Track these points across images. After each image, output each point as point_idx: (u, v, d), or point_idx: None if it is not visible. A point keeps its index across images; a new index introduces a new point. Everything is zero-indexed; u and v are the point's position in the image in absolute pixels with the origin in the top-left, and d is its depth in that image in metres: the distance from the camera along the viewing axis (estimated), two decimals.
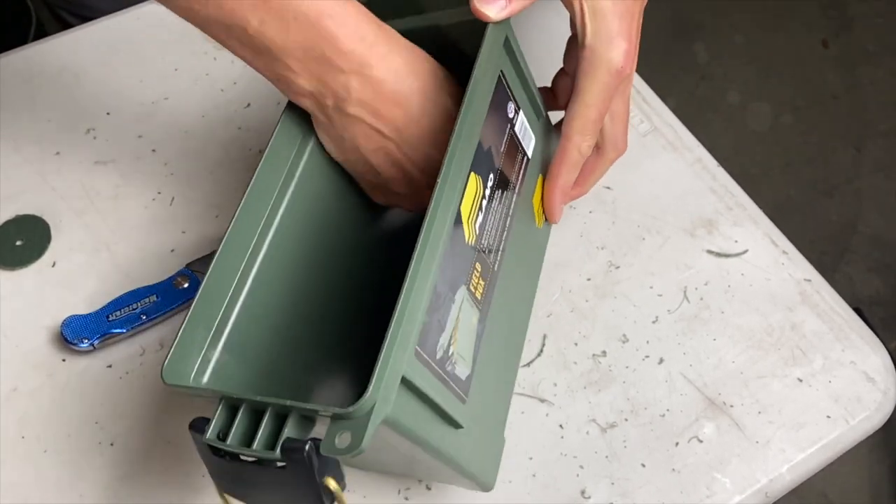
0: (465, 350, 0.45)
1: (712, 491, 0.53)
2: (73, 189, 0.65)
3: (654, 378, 0.57)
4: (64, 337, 0.57)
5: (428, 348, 0.41)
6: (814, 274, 0.61)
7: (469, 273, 0.46)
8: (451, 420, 0.43)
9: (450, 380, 0.43)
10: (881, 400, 0.56)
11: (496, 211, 0.49)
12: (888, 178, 1.70)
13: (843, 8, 1.93)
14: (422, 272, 0.40)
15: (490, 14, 0.47)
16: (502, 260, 0.50)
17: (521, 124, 0.53)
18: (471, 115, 0.45)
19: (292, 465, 0.38)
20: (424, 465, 0.47)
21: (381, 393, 0.37)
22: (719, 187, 0.64)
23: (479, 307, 0.47)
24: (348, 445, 0.36)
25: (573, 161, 0.53)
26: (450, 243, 0.43)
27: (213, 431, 0.40)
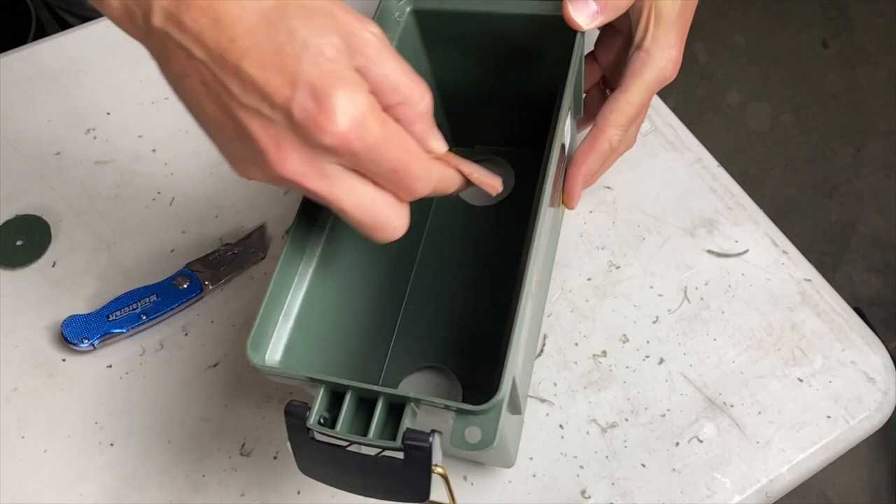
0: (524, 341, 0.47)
1: (712, 491, 0.53)
2: (73, 189, 0.65)
3: (654, 378, 0.57)
4: (64, 337, 0.57)
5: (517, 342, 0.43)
6: (814, 274, 0.61)
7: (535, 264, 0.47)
8: (519, 407, 0.45)
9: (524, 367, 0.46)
10: (881, 400, 0.56)
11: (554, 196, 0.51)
12: (888, 178, 1.70)
13: (843, 8, 1.93)
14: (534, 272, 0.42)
15: (581, 23, 0.48)
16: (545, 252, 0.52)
17: (567, 125, 0.54)
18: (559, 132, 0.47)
19: (409, 456, 0.39)
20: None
21: (507, 392, 0.39)
22: (719, 187, 0.64)
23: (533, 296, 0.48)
24: (480, 440, 0.37)
25: (602, 151, 0.53)
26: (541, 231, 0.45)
27: (315, 417, 0.40)
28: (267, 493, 0.53)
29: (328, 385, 0.41)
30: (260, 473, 0.54)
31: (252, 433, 0.55)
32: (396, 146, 0.39)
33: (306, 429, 0.40)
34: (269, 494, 0.53)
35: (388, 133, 0.38)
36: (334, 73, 0.37)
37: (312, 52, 0.36)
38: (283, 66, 0.36)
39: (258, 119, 0.37)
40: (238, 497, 0.53)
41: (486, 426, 0.38)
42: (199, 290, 0.59)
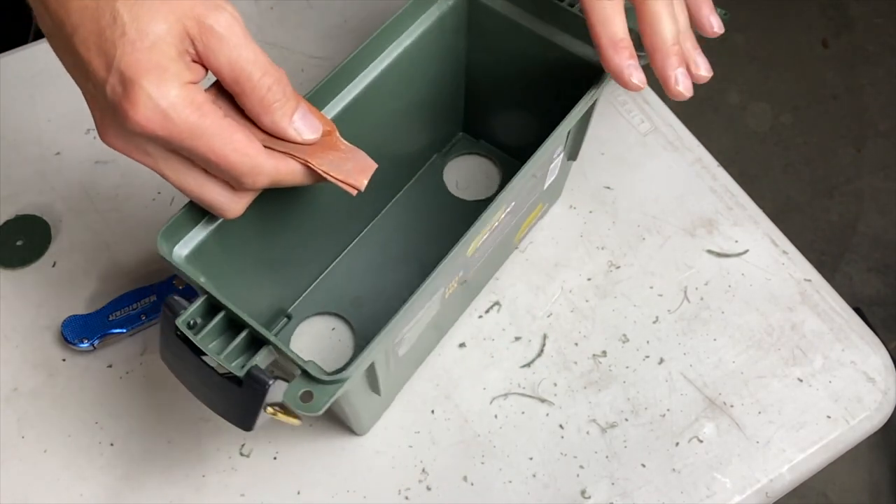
0: (412, 335, 0.49)
1: (712, 491, 0.53)
2: (73, 189, 0.65)
3: (654, 378, 0.57)
4: (64, 337, 0.57)
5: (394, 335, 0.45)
6: (814, 274, 0.61)
7: (452, 279, 0.49)
8: (377, 389, 0.48)
9: (391, 358, 0.48)
10: (881, 400, 0.56)
11: (498, 231, 0.52)
12: (888, 178, 1.70)
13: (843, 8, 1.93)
14: (433, 287, 0.44)
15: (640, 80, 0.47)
16: (477, 269, 0.54)
17: (556, 164, 0.55)
18: (539, 161, 0.48)
19: (248, 388, 0.41)
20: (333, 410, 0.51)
21: (355, 374, 0.40)
22: (719, 187, 0.64)
23: (441, 305, 0.51)
24: (309, 405, 0.39)
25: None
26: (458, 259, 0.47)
27: (185, 318, 0.42)
28: (266, 493, 0.53)
29: (210, 297, 0.42)
30: (259, 474, 0.54)
31: (252, 434, 0.55)
32: (213, 139, 0.39)
33: (175, 325, 0.42)
34: (269, 495, 0.53)
35: (204, 124, 0.38)
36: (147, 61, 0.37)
37: (129, 38, 0.37)
38: (101, 49, 0.37)
39: (88, 92, 0.40)
40: (238, 497, 0.53)
41: (320, 395, 0.39)
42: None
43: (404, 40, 0.53)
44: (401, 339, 0.47)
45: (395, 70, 0.53)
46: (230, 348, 0.41)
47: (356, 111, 0.52)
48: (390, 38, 0.53)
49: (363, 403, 0.50)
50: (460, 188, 0.64)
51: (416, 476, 0.54)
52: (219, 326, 0.42)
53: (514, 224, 0.55)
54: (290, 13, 0.73)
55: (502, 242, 0.56)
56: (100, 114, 0.40)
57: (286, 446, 0.55)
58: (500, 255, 0.59)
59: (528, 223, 0.60)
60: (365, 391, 0.48)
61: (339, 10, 0.74)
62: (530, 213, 0.58)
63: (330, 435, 0.55)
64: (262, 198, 0.46)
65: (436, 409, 0.56)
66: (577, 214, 0.63)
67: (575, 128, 0.54)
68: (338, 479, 0.53)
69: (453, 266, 0.46)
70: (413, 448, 0.54)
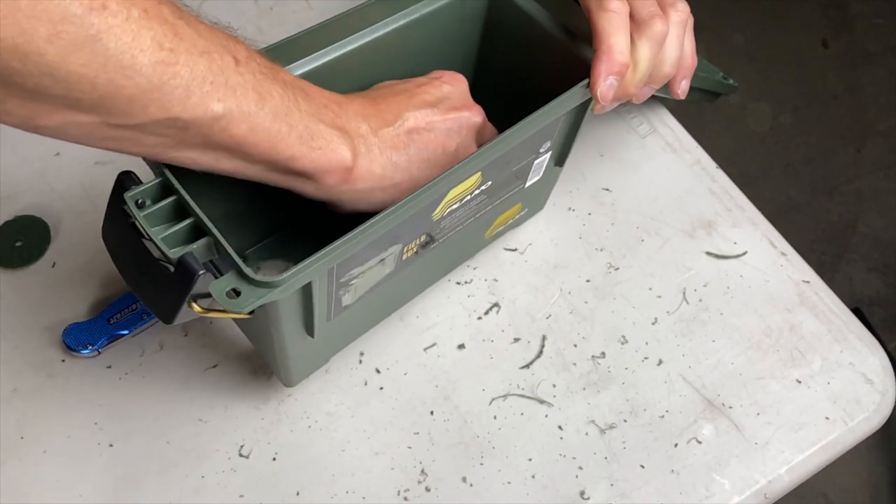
0: (361, 287, 0.49)
1: (711, 492, 0.53)
2: (73, 189, 0.65)
3: (653, 379, 0.57)
4: (67, 345, 0.57)
5: (339, 271, 0.45)
6: (812, 275, 0.61)
7: (413, 238, 0.49)
8: (311, 330, 0.47)
9: (333, 300, 0.47)
10: (880, 401, 0.56)
11: (469, 207, 0.52)
12: (888, 178, 1.70)
13: (843, 8, 1.93)
14: (386, 224, 0.43)
15: (605, 107, 0.49)
16: (441, 244, 0.53)
17: (541, 161, 0.55)
18: (515, 134, 0.47)
19: (177, 276, 0.41)
20: (263, 340, 0.51)
21: (289, 283, 0.40)
22: (718, 189, 0.64)
23: (397, 265, 0.50)
24: (234, 302, 0.39)
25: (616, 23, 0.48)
26: (421, 210, 0.46)
27: (135, 194, 0.42)
28: (266, 494, 0.53)
29: (165, 180, 0.42)
30: (259, 475, 0.54)
31: (251, 434, 0.55)
32: None
33: (123, 199, 0.42)
34: (268, 495, 0.53)
35: None
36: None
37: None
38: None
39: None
40: (237, 498, 0.53)
41: (248, 295, 0.39)
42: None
43: (418, 10, 0.53)
44: (347, 281, 0.47)
45: (403, 35, 0.53)
46: (171, 231, 0.41)
47: (355, 63, 0.52)
48: (404, 3, 0.52)
49: (294, 343, 0.49)
50: None
51: (415, 477, 0.54)
52: (166, 210, 0.42)
53: (488, 211, 0.55)
54: (290, 13, 0.73)
55: (473, 227, 0.56)
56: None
57: (286, 447, 0.55)
58: (469, 241, 0.59)
59: (504, 220, 0.59)
60: (298, 326, 0.48)
61: (339, 10, 0.74)
62: (507, 209, 0.58)
63: (330, 436, 0.55)
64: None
65: (435, 411, 0.56)
66: (576, 216, 0.63)
67: (565, 126, 0.53)
68: (337, 479, 0.54)
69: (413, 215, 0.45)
70: (412, 449, 0.55)
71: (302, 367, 0.55)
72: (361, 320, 0.56)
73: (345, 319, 0.52)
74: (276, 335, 0.48)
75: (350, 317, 0.53)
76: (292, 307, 0.45)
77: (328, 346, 0.55)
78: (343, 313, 0.51)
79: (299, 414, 0.56)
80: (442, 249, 0.55)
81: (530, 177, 0.56)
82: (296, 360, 0.52)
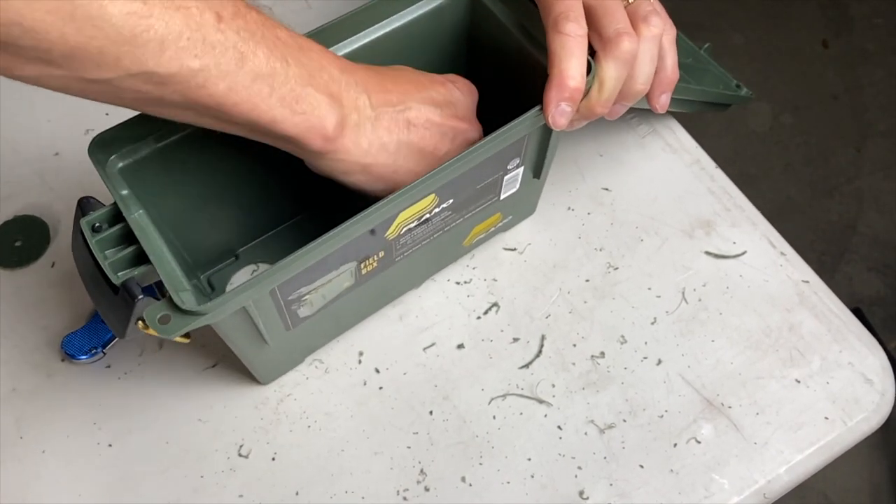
0: (318, 300, 0.50)
1: (710, 492, 0.53)
2: (73, 189, 0.65)
3: (652, 379, 0.57)
4: (69, 355, 0.57)
5: (284, 291, 0.46)
6: (812, 275, 0.61)
7: (369, 256, 0.50)
8: (262, 338, 0.49)
9: (287, 314, 0.49)
10: (879, 401, 0.56)
11: (433, 223, 0.52)
12: (888, 178, 1.70)
13: (843, 8, 1.93)
14: (321, 251, 0.44)
15: (560, 125, 0.48)
16: (409, 256, 0.54)
17: (513, 175, 0.55)
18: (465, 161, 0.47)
19: (121, 297, 0.44)
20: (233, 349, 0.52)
21: (213, 313, 0.42)
22: (717, 188, 0.64)
23: (357, 279, 0.51)
24: (163, 328, 0.41)
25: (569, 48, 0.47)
26: (368, 235, 0.47)
27: (91, 220, 0.45)
28: (265, 494, 0.53)
29: (118, 204, 0.44)
30: (258, 474, 0.54)
31: (250, 434, 0.55)
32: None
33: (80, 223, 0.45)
34: (268, 495, 0.53)
35: None
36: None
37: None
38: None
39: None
40: (236, 498, 0.53)
41: (177, 322, 0.41)
42: None
43: (399, 19, 0.53)
44: (298, 298, 0.48)
45: (386, 45, 0.53)
46: (117, 257, 0.44)
47: None
48: (385, 12, 0.52)
49: (254, 352, 0.51)
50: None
51: (414, 477, 0.54)
52: (117, 235, 0.44)
53: (460, 224, 0.55)
54: (290, 13, 0.73)
55: (446, 240, 0.56)
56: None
57: (285, 447, 0.55)
58: (444, 252, 0.59)
59: (483, 229, 0.59)
60: (251, 338, 0.49)
61: (339, 10, 0.73)
62: (484, 220, 0.57)
63: (329, 436, 0.55)
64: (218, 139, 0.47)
65: (434, 410, 0.56)
66: (576, 216, 0.63)
67: (533, 144, 0.52)
68: (336, 479, 0.54)
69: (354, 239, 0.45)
70: (411, 449, 0.55)
71: (272, 369, 0.56)
72: (338, 322, 0.57)
73: (314, 324, 0.53)
74: (234, 349, 0.50)
75: (319, 322, 0.53)
76: (235, 324, 0.47)
77: (299, 349, 0.56)
78: (305, 322, 0.51)
79: (298, 414, 0.56)
80: (415, 258, 0.55)
81: (504, 190, 0.56)
82: (262, 364, 0.54)
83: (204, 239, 0.56)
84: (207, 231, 0.56)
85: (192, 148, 0.49)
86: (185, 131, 0.48)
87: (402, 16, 0.53)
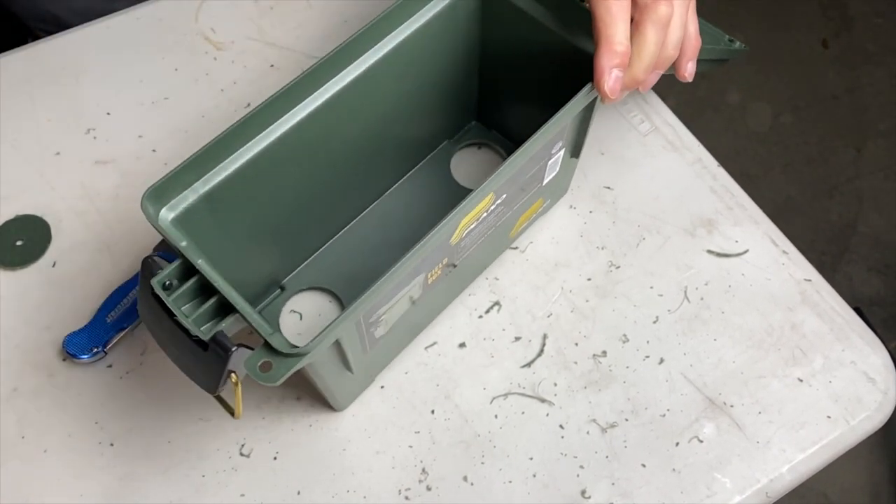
0: (391, 318, 0.49)
1: (712, 491, 0.53)
2: (73, 189, 0.65)
3: (654, 378, 0.57)
4: (71, 354, 0.57)
5: (366, 316, 0.46)
6: (814, 274, 0.61)
7: (435, 265, 0.49)
8: (349, 367, 0.48)
9: (367, 338, 0.48)
10: (881, 400, 0.56)
11: (488, 222, 0.52)
12: (888, 178, 1.70)
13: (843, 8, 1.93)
14: (403, 269, 0.44)
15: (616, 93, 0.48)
16: (466, 258, 0.53)
17: (555, 159, 0.55)
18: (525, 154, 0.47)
19: (212, 352, 0.42)
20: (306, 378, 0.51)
21: (317, 349, 0.41)
22: (719, 187, 0.64)
23: (424, 289, 0.51)
24: (267, 375, 0.40)
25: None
26: (437, 244, 0.46)
27: (160, 278, 0.43)
28: (267, 493, 0.53)
29: (186, 260, 0.43)
30: (259, 474, 0.54)
31: (252, 433, 0.55)
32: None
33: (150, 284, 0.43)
34: (269, 495, 0.53)
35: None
36: None
37: None
38: None
39: None
40: (238, 497, 0.53)
41: (279, 367, 0.41)
42: None
43: (414, 22, 0.53)
44: (376, 319, 0.47)
45: (404, 50, 0.53)
46: (199, 312, 0.42)
47: (363, 87, 0.52)
48: (400, 19, 0.52)
49: (336, 380, 0.51)
50: (466, 178, 0.64)
51: (416, 476, 0.54)
52: (192, 290, 0.43)
53: (508, 216, 0.55)
54: (290, 13, 0.73)
55: (496, 234, 0.56)
56: None
57: (286, 446, 0.55)
58: (493, 247, 0.59)
59: (527, 217, 0.59)
60: (336, 368, 0.49)
61: (339, 10, 0.74)
62: (528, 208, 0.58)
63: (331, 435, 0.55)
64: (259, 169, 0.47)
65: (436, 409, 0.56)
66: (577, 214, 0.63)
67: (575, 124, 0.53)
68: (338, 479, 0.53)
69: (431, 251, 0.46)
70: (413, 448, 0.54)
71: (349, 394, 0.55)
72: (402, 340, 0.57)
73: (384, 346, 0.53)
74: (318, 381, 0.49)
75: (389, 342, 0.53)
76: (326, 358, 0.46)
77: (372, 370, 0.56)
78: (379, 343, 0.51)
79: (300, 413, 0.56)
80: (468, 262, 0.55)
81: (547, 175, 0.56)
82: (342, 391, 0.53)
83: (250, 275, 0.55)
84: (254, 267, 0.55)
85: (236, 185, 0.48)
86: (230, 170, 0.48)
87: (417, 19, 0.53)
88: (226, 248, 0.50)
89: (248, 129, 0.48)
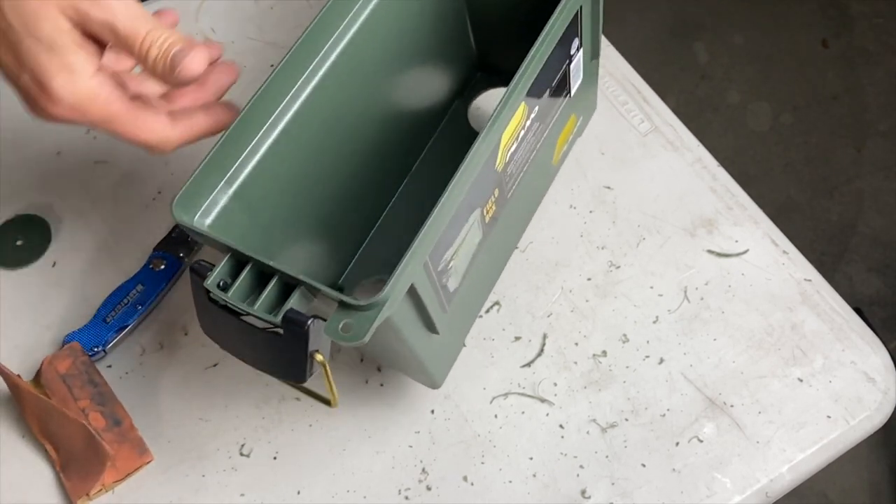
0: (460, 266, 0.48)
1: (712, 491, 0.53)
2: (74, 189, 0.65)
3: (654, 378, 0.57)
4: None
5: (435, 260, 0.44)
6: (814, 274, 0.61)
7: (487, 197, 0.48)
8: (433, 327, 0.47)
9: (441, 291, 0.46)
10: (881, 400, 0.56)
11: (528, 141, 0.51)
12: (888, 178, 1.70)
13: (843, 8, 1.93)
14: (454, 193, 0.42)
15: None
16: (516, 189, 0.52)
17: (577, 62, 0.53)
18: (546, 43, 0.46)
19: (289, 334, 0.40)
20: (393, 357, 0.50)
21: (392, 295, 0.39)
22: (719, 187, 0.64)
23: (484, 229, 0.49)
24: (351, 334, 0.39)
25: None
26: (483, 167, 0.45)
27: (214, 279, 0.41)
28: (267, 493, 0.53)
29: (234, 253, 0.42)
30: (259, 474, 0.54)
31: (252, 433, 0.55)
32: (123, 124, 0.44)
33: (206, 289, 0.42)
34: (269, 495, 0.53)
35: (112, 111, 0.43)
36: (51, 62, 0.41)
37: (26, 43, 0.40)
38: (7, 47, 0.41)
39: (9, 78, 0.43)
40: (238, 497, 0.53)
41: (361, 322, 0.39)
42: (179, 265, 0.60)
43: None
44: (445, 268, 0.45)
45: (385, 9, 0.52)
46: (262, 298, 0.41)
47: (355, 54, 0.51)
48: None
49: (422, 344, 0.48)
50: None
51: (416, 476, 0.54)
52: (248, 281, 0.42)
53: (547, 136, 0.54)
54: (290, 13, 0.73)
55: (539, 161, 0.54)
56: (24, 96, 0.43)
57: (286, 446, 0.55)
58: (540, 176, 0.57)
59: (565, 138, 0.58)
60: (418, 328, 0.47)
61: None
62: (563, 126, 0.56)
63: (331, 435, 0.55)
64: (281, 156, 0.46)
65: (435, 409, 0.56)
66: (577, 214, 0.63)
67: (587, 19, 0.51)
68: (338, 478, 0.53)
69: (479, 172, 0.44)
70: (413, 448, 0.54)
71: (441, 365, 0.53)
72: (478, 294, 0.55)
73: (461, 302, 0.51)
74: (403, 346, 0.46)
75: (465, 297, 0.51)
76: (406, 315, 0.44)
77: (457, 334, 0.54)
78: (455, 298, 0.49)
79: (300, 413, 0.56)
80: (519, 195, 0.53)
81: (573, 81, 0.55)
82: (432, 361, 0.51)
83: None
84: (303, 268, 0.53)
85: (262, 177, 0.47)
86: (252, 163, 0.47)
87: None
88: (270, 250, 0.49)
89: (254, 119, 0.47)
